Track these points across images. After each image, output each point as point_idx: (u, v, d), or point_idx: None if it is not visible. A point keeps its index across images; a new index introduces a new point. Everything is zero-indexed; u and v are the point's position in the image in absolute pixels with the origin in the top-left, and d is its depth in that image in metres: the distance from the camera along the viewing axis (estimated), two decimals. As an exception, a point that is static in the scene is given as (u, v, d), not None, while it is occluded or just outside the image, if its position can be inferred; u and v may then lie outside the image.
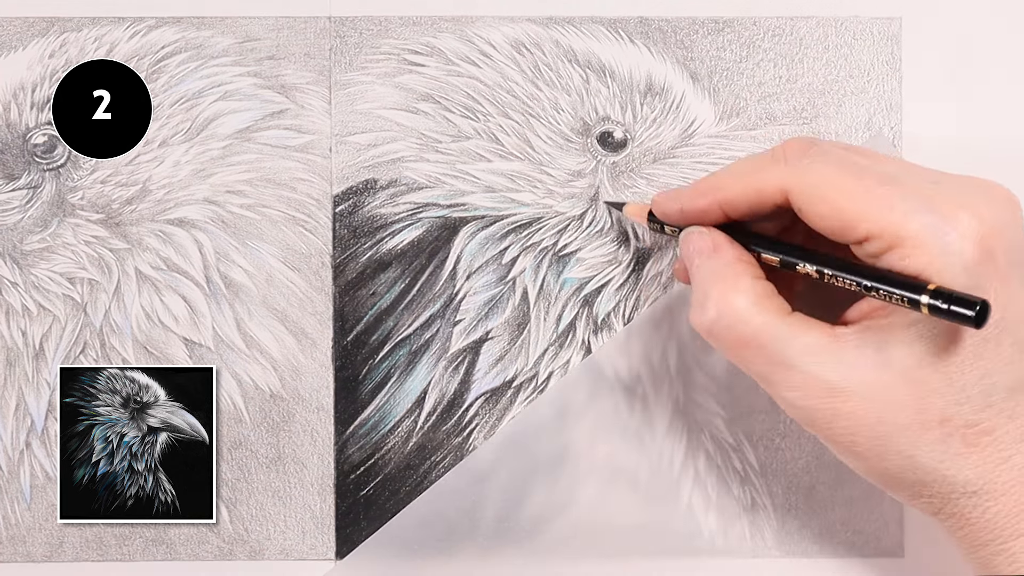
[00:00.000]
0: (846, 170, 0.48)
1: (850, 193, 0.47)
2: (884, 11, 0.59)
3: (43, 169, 0.58)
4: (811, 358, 0.48)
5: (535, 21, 0.59)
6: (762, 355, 0.49)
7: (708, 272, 0.50)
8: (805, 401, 0.48)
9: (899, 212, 0.46)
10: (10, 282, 0.58)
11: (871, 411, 0.47)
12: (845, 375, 0.47)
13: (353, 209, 0.59)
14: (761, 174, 0.50)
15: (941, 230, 0.46)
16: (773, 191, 0.49)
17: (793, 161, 0.49)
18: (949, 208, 0.46)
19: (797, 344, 0.48)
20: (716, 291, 0.49)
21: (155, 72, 0.59)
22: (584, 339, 0.59)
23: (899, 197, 0.46)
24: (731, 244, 0.51)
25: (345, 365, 0.59)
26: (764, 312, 0.49)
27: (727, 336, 0.49)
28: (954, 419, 0.47)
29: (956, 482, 0.48)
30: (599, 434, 0.59)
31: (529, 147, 0.59)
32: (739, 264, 0.50)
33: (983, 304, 0.44)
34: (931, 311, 0.45)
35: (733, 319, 0.49)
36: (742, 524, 0.59)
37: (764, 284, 0.50)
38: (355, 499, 0.58)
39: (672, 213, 0.53)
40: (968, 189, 0.48)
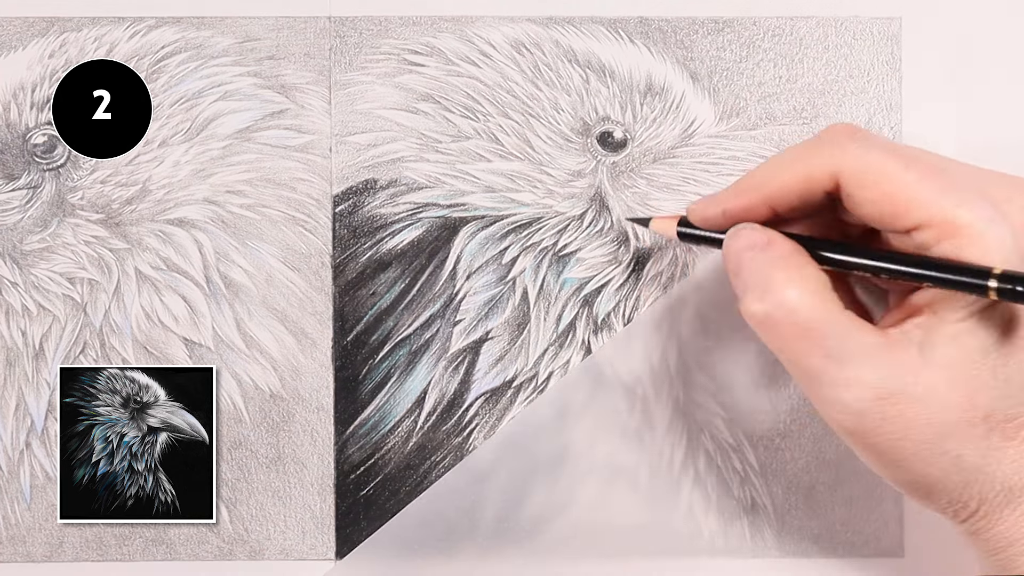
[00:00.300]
0: (896, 158, 0.47)
1: (901, 180, 0.46)
2: (884, 11, 0.59)
3: (43, 169, 0.58)
4: (868, 357, 0.47)
5: (535, 21, 0.59)
6: (821, 348, 0.47)
7: (765, 262, 0.48)
8: (857, 403, 0.47)
9: (952, 201, 0.46)
10: (10, 282, 0.58)
11: (920, 412, 0.46)
12: (895, 375, 0.46)
13: (353, 209, 0.59)
14: (810, 159, 0.48)
15: (994, 219, 0.45)
16: (823, 176, 0.48)
17: (843, 144, 0.48)
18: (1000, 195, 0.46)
19: (856, 341, 0.47)
20: (779, 278, 0.48)
21: (155, 72, 0.59)
22: (584, 339, 0.59)
23: (952, 186, 0.46)
24: (785, 238, 0.49)
25: (345, 365, 0.59)
26: (827, 303, 0.47)
27: (786, 326, 0.47)
28: (997, 413, 0.47)
29: (996, 478, 0.47)
30: (599, 434, 0.59)
31: (529, 147, 0.59)
32: (799, 255, 0.49)
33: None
34: (999, 294, 0.44)
35: (796, 307, 0.47)
36: (742, 524, 0.59)
37: (824, 276, 0.48)
38: (355, 499, 0.58)
39: (714, 217, 0.51)
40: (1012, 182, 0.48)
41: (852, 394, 0.47)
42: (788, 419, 0.59)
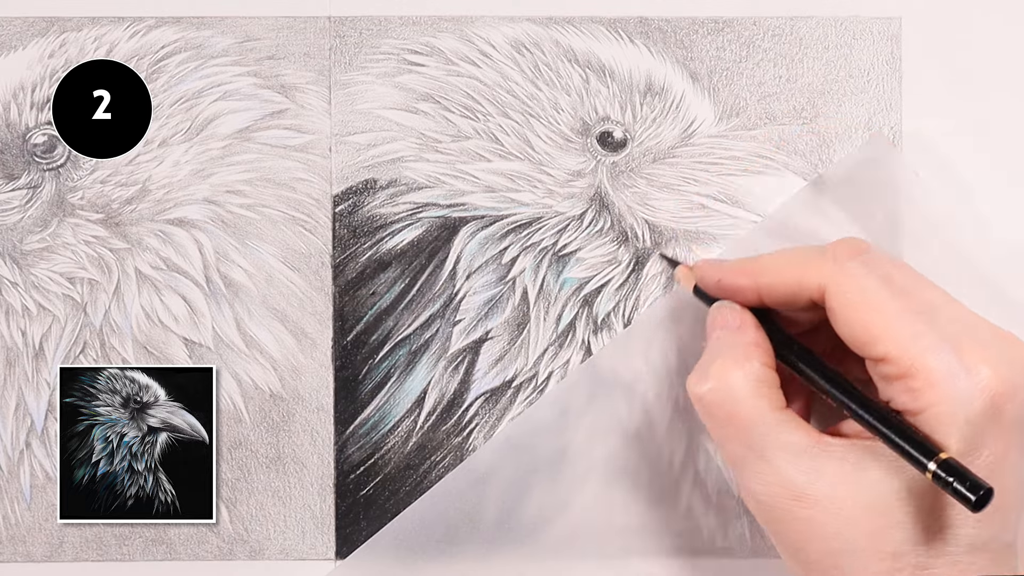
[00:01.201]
0: (887, 286, 0.48)
1: (882, 311, 0.47)
2: (884, 11, 0.59)
3: (43, 169, 0.58)
4: (788, 456, 0.48)
5: (535, 21, 0.59)
6: (742, 437, 0.49)
7: (722, 344, 0.51)
8: (767, 497, 0.48)
9: (923, 344, 0.46)
10: (10, 282, 0.58)
11: (830, 524, 0.47)
12: (814, 482, 0.47)
13: (353, 209, 0.59)
14: (806, 267, 0.50)
15: (958, 375, 0.46)
16: (813, 286, 0.49)
17: (841, 261, 0.49)
18: (972, 356, 0.46)
19: (779, 438, 0.48)
20: (720, 362, 0.50)
21: (155, 72, 0.59)
22: (584, 339, 0.59)
23: (927, 330, 0.46)
24: (757, 329, 0.51)
25: (345, 365, 0.59)
26: (757, 397, 0.49)
27: (716, 409, 0.49)
28: (906, 556, 0.47)
29: None
30: (599, 434, 0.58)
31: (529, 147, 0.59)
32: (754, 347, 0.50)
33: (987, 491, 0.43)
34: (934, 479, 0.44)
35: (727, 394, 0.49)
36: (742, 524, 0.59)
37: (769, 373, 0.50)
38: (355, 499, 0.58)
39: (709, 282, 0.53)
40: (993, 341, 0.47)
41: (765, 486, 0.48)
42: (788, 419, 0.59)
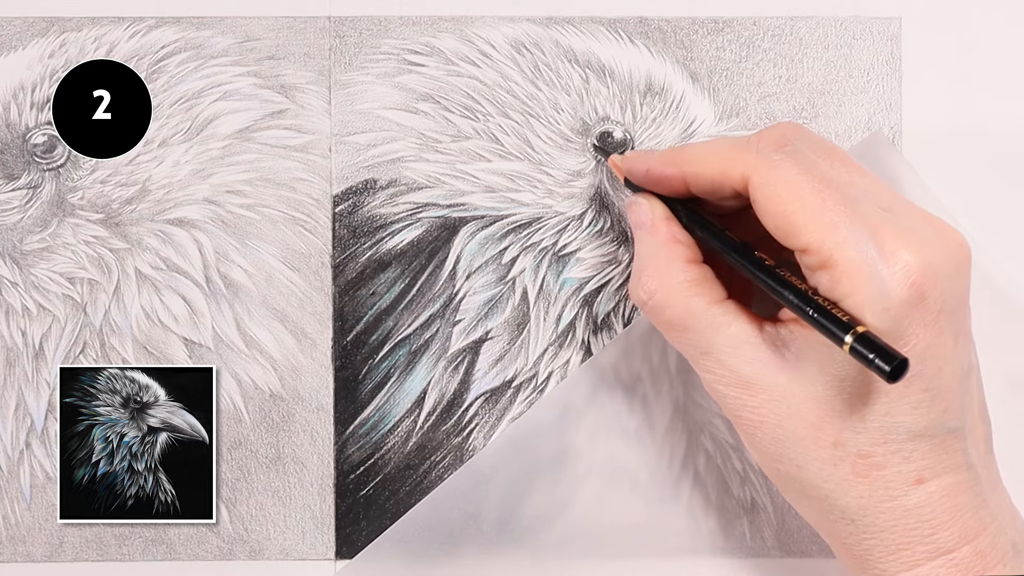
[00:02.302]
0: (809, 177, 0.47)
1: (803, 201, 0.47)
2: (884, 11, 0.59)
3: (43, 169, 0.58)
4: (731, 348, 0.49)
5: (535, 21, 0.59)
6: (686, 337, 0.50)
7: (645, 249, 0.52)
8: (719, 385, 0.49)
9: (841, 234, 0.46)
10: (10, 282, 0.58)
11: (774, 412, 0.48)
12: (758, 371, 0.48)
13: (353, 209, 0.59)
14: (731, 156, 0.50)
15: (876, 263, 0.45)
16: (737, 177, 0.49)
17: (765, 153, 0.49)
18: (892, 243, 0.46)
19: (720, 333, 0.49)
20: (649, 270, 0.51)
21: (155, 72, 0.59)
22: (584, 339, 0.59)
23: (848, 219, 0.46)
24: (669, 223, 0.52)
25: (345, 365, 0.59)
26: (692, 296, 0.50)
27: (656, 316, 0.51)
28: (848, 445, 0.47)
29: (837, 505, 0.48)
30: (599, 434, 0.59)
31: (529, 147, 0.59)
32: (675, 245, 0.51)
33: (902, 361, 0.43)
34: (851, 352, 0.44)
35: (662, 300, 0.50)
36: (742, 524, 0.59)
37: (697, 268, 0.50)
38: (355, 499, 0.58)
39: (639, 173, 0.53)
40: (920, 227, 0.47)
41: (714, 376, 0.49)
42: (788, 419, 0.59)
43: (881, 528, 0.47)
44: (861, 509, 0.47)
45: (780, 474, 0.49)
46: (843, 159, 0.49)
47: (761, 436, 0.49)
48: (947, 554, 0.47)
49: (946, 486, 0.47)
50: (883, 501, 0.47)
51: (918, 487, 0.47)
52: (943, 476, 0.47)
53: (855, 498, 0.47)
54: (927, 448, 0.47)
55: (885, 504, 0.47)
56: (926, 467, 0.47)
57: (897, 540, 0.47)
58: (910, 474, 0.47)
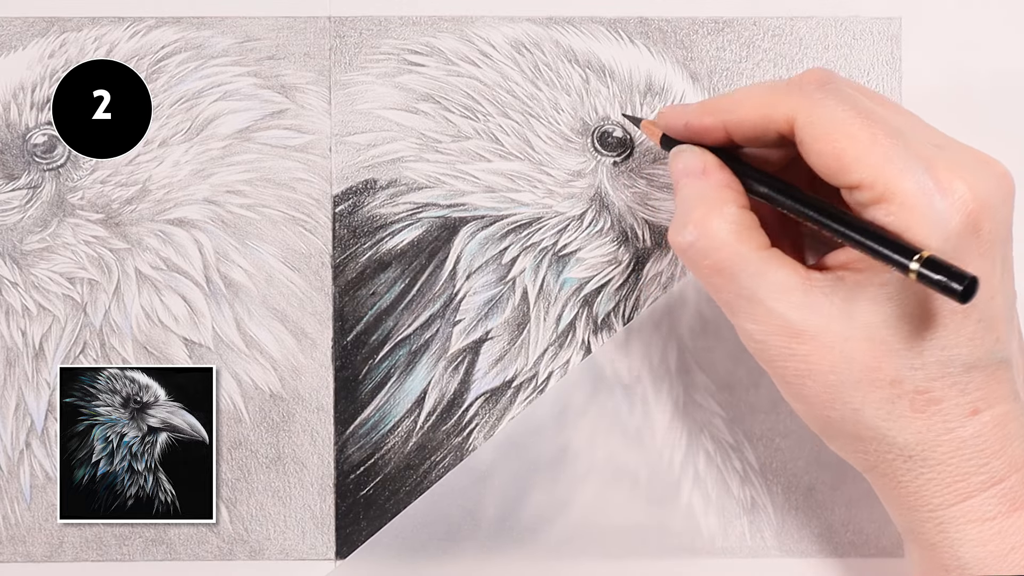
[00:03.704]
0: (856, 112, 0.47)
1: (853, 137, 0.47)
2: (884, 11, 0.59)
3: (43, 169, 0.58)
4: (778, 295, 0.48)
5: (535, 21, 0.59)
6: (732, 284, 0.48)
7: (693, 193, 0.50)
8: (763, 336, 0.48)
9: (896, 167, 0.46)
10: (10, 282, 0.58)
11: (826, 358, 0.47)
12: (807, 318, 0.47)
13: (353, 209, 0.59)
14: (773, 99, 0.49)
15: (933, 195, 0.46)
16: (781, 119, 0.49)
17: (808, 91, 0.48)
18: (946, 175, 0.46)
19: (767, 279, 0.48)
20: (697, 213, 0.49)
21: (155, 72, 0.59)
22: (584, 339, 0.59)
23: (900, 152, 0.46)
24: (721, 169, 0.51)
25: (345, 365, 0.59)
26: (740, 242, 0.48)
27: (701, 260, 0.49)
28: (905, 382, 0.47)
29: (895, 444, 0.48)
30: (599, 434, 0.59)
31: (529, 147, 0.59)
32: (725, 190, 0.50)
33: (972, 280, 0.43)
34: (919, 278, 0.44)
35: (709, 244, 0.49)
36: (742, 524, 0.59)
37: (747, 214, 0.49)
38: (355, 499, 0.58)
39: (677, 127, 0.52)
40: (969, 160, 0.47)
41: (759, 326, 0.48)
42: (788, 419, 0.59)
43: (938, 461, 0.47)
44: (919, 444, 0.47)
45: (831, 422, 0.49)
46: (883, 98, 0.49)
47: (812, 385, 0.48)
48: (999, 483, 0.48)
49: (998, 416, 0.47)
50: (941, 435, 0.47)
51: (973, 418, 0.47)
52: (995, 406, 0.47)
53: (913, 434, 0.47)
54: (981, 379, 0.47)
55: (943, 437, 0.47)
56: (980, 398, 0.47)
57: (954, 472, 0.48)
58: (966, 406, 0.47)
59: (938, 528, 0.48)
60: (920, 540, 0.49)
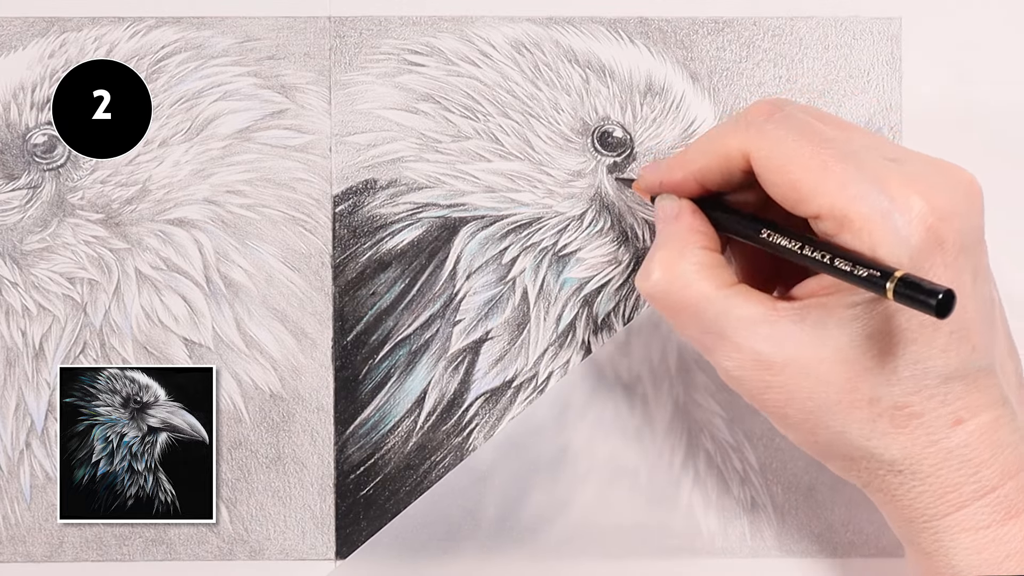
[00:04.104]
0: (806, 140, 0.47)
1: (806, 166, 0.47)
2: (884, 11, 0.59)
3: (43, 169, 0.58)
4: (745, 330, 0.48)
5: (535, 21, 0.59)
6: (697, 322, 0.49)
7: (662, 237, 0.51)
8: (739, 371, 0.49)
9: (850, 193, 0.46)
10: (10, 282, 0.58)
11: (802, 386, 0.48)
12: (778, 348, 0.48)
13: (353, 209, 0.59)
14: (725, 140, 0.49)
15: (890, 214, 0.45)
16: (737, 157, 0.49)
17: (756, 124, 0.49)
18: (902, 191, 0.46)
19: (731, 315, 0.48)
20: (661, 254, 0.50)
21: (155, 72, 0.59)
22: (584, 339, 0.59)
23: (852, 176, 0.46)
24: (693, 214, 0.51)
25: (345, 365, 0.59)
26: (703, 280, 0.49)
27: (664, 299, 0.50)
28: (883, 400, 0.47)
29: (883, 460, 0.48)
30: (599, 434, 0.59)
31: (529, 147, 0.59)
32: (693, 233, 0.50)
33: (947, 293, 0.43)
34: (896, 298, 0.44)
35: (672, 284, 0.49)
36: (742, 524, 0.59)
37: (712, 255, 0.50)
38: (355, 499, 0.58)
39: (654, 186, 0.53)
40: (927, 172, 0.47)
41: (733, 362, 0.49)
42: (788, 419, 0.59)
43: (927, 473, 0.48)
44: (906, 459, 0.48)
45: (820, 445, 0.49)
46: (835, 119, 0.49)
47: (793, 413, 0.48)
48: (992, 492, 0.48)
49: (984, 424, 0.47)
50: (926, 447, 0.47)
51: (957, 428, 0.47)
52: (980, 414, 0.47)
53: (898, 449, 0.47)
54: (961, 389, 0.47)
55: (928, 450, 0.47)
56: (962, 407, 0.47)
57: (943, 483, 0.48)
58: (948, 416, 0.47)
59: (934, 538, 0.48)
60: (917, 549, 0.49)
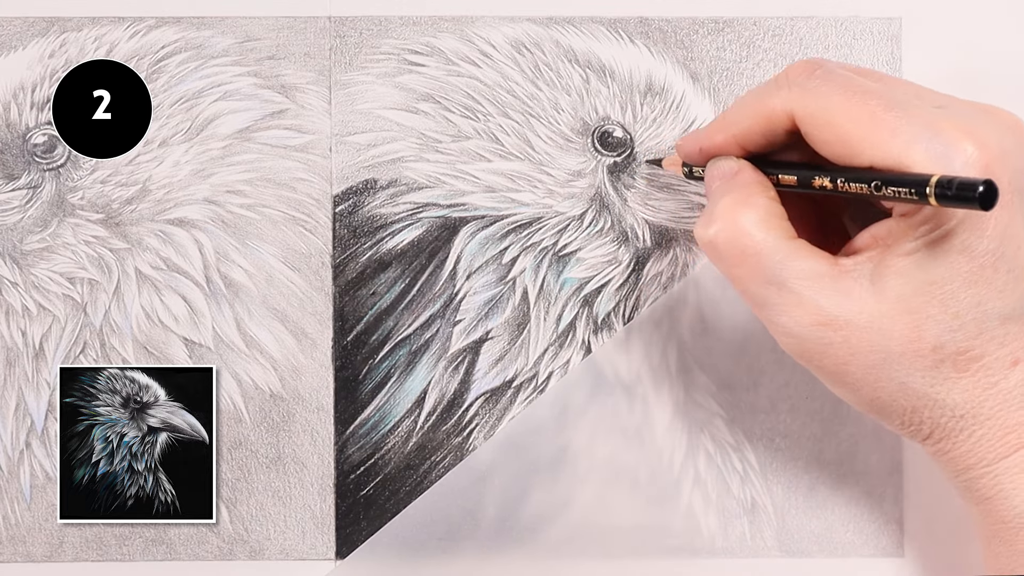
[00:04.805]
0: (851, 93, 0.47)
1: (855, 118, 0.47)
2: (884, 11, 0.59)
3: (43, 169, 0.58)
4: (807, 282, 0.48)
5: (535, 21, 0.59)
6: (759, 273, 0.48)
7: (722, 189, 0.50)
8: (798, 327, 0.48)
9: (902, 140, 0.46)
10: (10, 282, 0.58)
11: (864, 339, 0.48)
12: (839, 302, 0.48)
13: (353, 209, 0.59)
14: (767, 101, 0.49)
15: (945, 157, 0.46)
16: (781, 117, 0.49)
17: (799, 83, 0.49)
18: (954, 135, 0.46)
19: (795, 266, 0.48)
20: (724, 203, 0.49)
21: (155, 72, 0.59)
22: (584, 339, 0.59)
23: (904, 124, 0.46)
24: (753, 170, 0.51)
25: (345, 365, 0.59)
26: (768, 229, 0.49)
27: (727, 249, 0.49)
28: (947, 346, 0.47)
29: (946, 406, 0.48)
30: (599, 434, 0.59)
31: (529, 147, 0.59)
32: (754, 185, 0.50)
33: (987, 184, 0.43)
34: (937, 198, 0.44)
35: (736, 231, 0.49)
36: (742, 524, 0.59)
37: (775, 205, 0.50)
38: (355, 499, 0.58)
39: (693, 154, 0.53)
40: (973, 115, 0.47)
41: (792, 318, 0.48)
42: (788, 419, 0.59)
43: (988, 416, 0.48)
44: (967, 402, 0.48)
45: (880, 401, 0.49)
46: (876, 73, 0.50)
47: (854, 370, 0.48)
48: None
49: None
50: (986, 389, 0.48)
51: (1014, 368, 0.48)
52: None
53: (960, 392, 0.48)
54: (1017, 329, 0.48)
55: (989, 392, 0.48)
56: (1019, 348, 0.48)
57: (1003, 424, 0.48)
58: (1007, 358, 0.48)
59: (994, 482, 0.49)
60: (976, 496, 0.49)
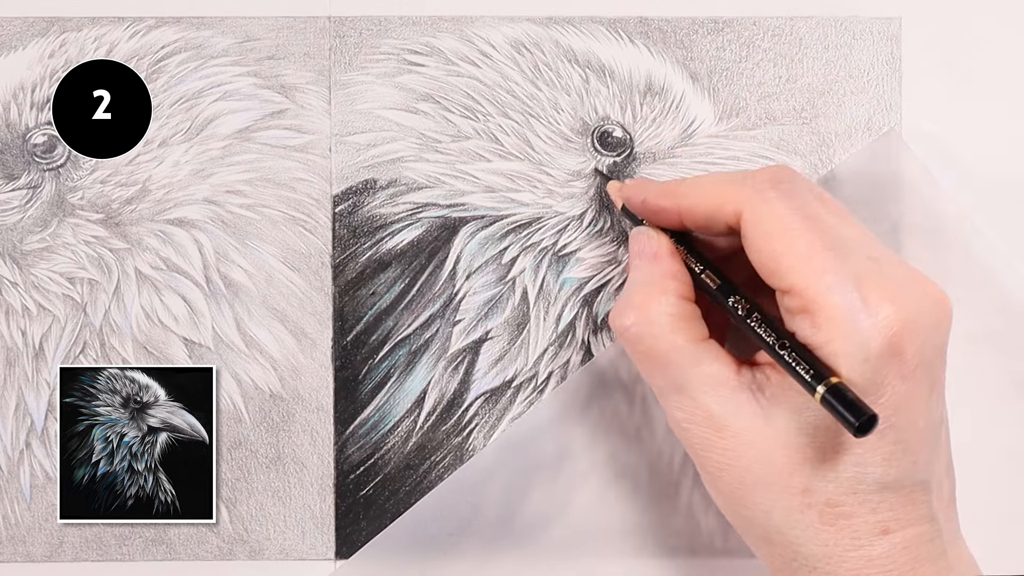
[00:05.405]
0: (800, 219, 0.47)
1: (791, 243, 0.47)
2: (884, 11, 0.59)
3: (43, 169, 0.58)
4: (706, 388, 0.48)
5: (535, 21, 0.59)
6: (663, 373, 0.49)
7: (640, 277, 0.51)
8: (690, 425, 0.49)
9: (827, 281, 0.46)
10: (10, 282, 0.58)
11: (744, 456, 0.48)
12: (731, 412, 0.48)
13: (353, 209, 0.59)
14: (724, 191, 0.50)
15: (858, 313, 0.46)
16: (730, 211, 0.49)
17: (759, 189, 0.49)
18: (876, 295, 0.46)
19: (697, 372, 0.49)
20: (639, 298, 0.50)
21: (155, 72, 0.59)
22: (584, 339, 0.59)
23: (834, 265, 0.46)
24: (671, 257, 0.52)
25: (345, 365, 0.59)
26: (675, 332, 0.49)
27: (637, 344, 0.50)
28: (817, 492, 0.47)
29: (801, 552, 0.48)
30: (599, 434, 0.59)
31: (529, 147, 0.59)
32: (670, 280, 0.51)
33: (870, 418, 0.44)
34: (823, 402, 0.45)
35: (646, 330, 0.50)
36: (742, 524, 0.59)
37: (687, 305, 0.50)
38: (355, 499, 0.58)
39: (635, 202, 0.53)
40: (903, 281, 0.47)
41: (684, 413, 0.49)
42: (788, 419, 0.59)
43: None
44: (825, 557, 0.47)
45: (743, 519, 0.49)
46: (834, 204, 0.49)
47: (728, 479, 0.48)
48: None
49: (909, 537, 0.47)
50: (848, 550, 0.47)
51: (883, 537, 0.47)
52: (907, 528, 0.47)
53: (819, 546, 0.47)
54: (895, 500, 0.47)
55: (849, 553, 0.47)
56: (892, 518, 0.47)
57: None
58: (876, 524, 0.47)
59: None
60: None
